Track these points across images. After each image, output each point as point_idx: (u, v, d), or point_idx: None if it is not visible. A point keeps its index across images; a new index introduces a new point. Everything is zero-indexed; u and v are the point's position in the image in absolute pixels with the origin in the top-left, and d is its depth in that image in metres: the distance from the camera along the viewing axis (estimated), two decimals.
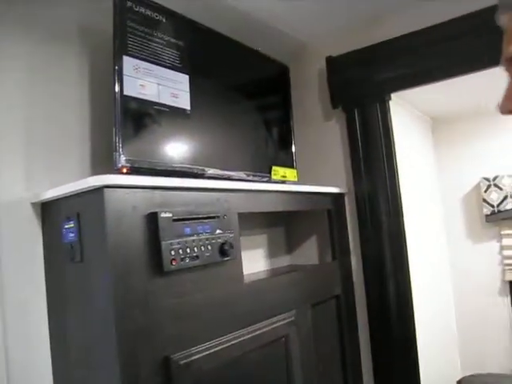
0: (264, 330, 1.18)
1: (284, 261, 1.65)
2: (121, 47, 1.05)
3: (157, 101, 1.11)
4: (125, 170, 1.02)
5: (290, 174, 1.50)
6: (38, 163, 1.08)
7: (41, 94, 1.10)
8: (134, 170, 1.02)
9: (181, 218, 0.98)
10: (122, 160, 1.01)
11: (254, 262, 1.52)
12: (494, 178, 2.15)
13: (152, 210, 0.94)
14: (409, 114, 2.02)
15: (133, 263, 0.90)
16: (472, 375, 2.14)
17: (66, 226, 0.97)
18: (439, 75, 1.49)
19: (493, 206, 2.16)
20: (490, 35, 0.87)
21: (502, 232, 2.16)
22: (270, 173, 1.42)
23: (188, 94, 1.19)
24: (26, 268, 1.03)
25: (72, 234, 0.96)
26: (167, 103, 1.14)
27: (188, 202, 1.02)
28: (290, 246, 1.16)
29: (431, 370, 1.73)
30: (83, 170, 1.17)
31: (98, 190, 0.88)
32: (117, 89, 1.04)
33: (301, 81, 1.80)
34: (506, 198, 2.13)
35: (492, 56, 0.71)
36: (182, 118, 1.17)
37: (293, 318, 1.29)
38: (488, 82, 1.28)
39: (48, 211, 1.06)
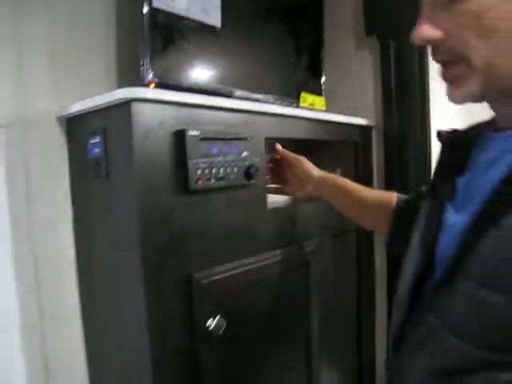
0: (285, 256, 1.18)
1: None
2: None
3: (186, 15, 1.06)
4: (152, 86, 0.99)
5: (319, 102, 1.45)
6: (64, 79, 1.05)
7: (65, 6, 1.06)
8: (161, 87, 0.99)
9: (208, 137, 0.95)
10: (150, 75, 0.98)
11: None
12: None
13: (179, 128, 0.92)
14: None
15: (158, 180, 0.89)
16: None
17: (92, 141, 0.96)
18: None
19: None
20: None
21: None
22: (297, 99, 1.37)
23: (219, 10, 1.13)
24: (51, 183, 1.04)
25: (97, 150, 0.95)
26: (197, 18, 1.08)
27: (215, 122, 0.99)
28: None
29: None
30: (109, 86, 1.14)
31: (126, 104, 0.85)
32: (145, 0, 0.98)
33: (335, 6, 1.70)
34: None
35: None
36: (211, 35, 1.12)
37: (314, 247, 1.29)
38: None
39: (73, 126, 1.05)
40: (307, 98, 1.39)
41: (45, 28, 1.01)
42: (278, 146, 1.22)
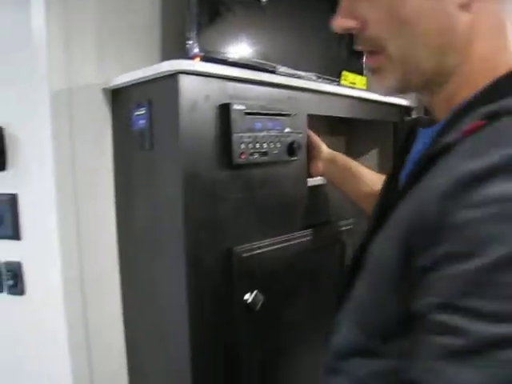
0: (321, 234, 1.18)
1: None
2: None
3: None
4: (197, 59, 0.98)
5: (360, 81, 1.42)
6: (109, 52, 1.06)
7: None
8: (206, 60, 0.99)
9: (253, 111, 0.95)
10: (195, 48, 0.98)
11: None
12: None
13: (225, 101, 0.92)
14: None
15: (202, 153, 0.90)
16: None
17: (137, 113, 0.97)
18: None
19: None
20: None
21: None
22: (339, 77, 1.35)
23: None
24: (95, 154, 1.05)
25: (142, 121, 0.95)
26: None
27: (260, 97, 0.98)
28: (350, 156, 1.13)
29: None
30: (152, 59, 1.15)
31: (173, 76, 0.86)
32: None
33: None
34: None
35: None
36: (256, 9, 1.10)
37: (351, 227, 1.29)
38: None
39: (118, 98, 1.06)
40: (348, 77, 1.37)
41: (92, 2, 1.02)
42: None
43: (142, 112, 0.95)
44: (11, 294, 1.04)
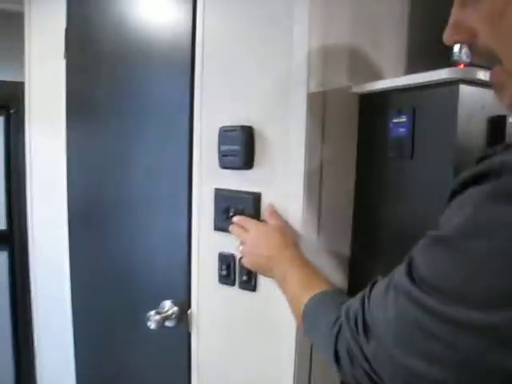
0: None
1: None
2: None
3: None
4: (462, 66, 0.94)
5: None
6: (359, 56, 1.07)
7: None
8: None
9: None
10: (463, 55, 0.93)
11: None
12: None
13: (498, 113, 0.87)
14: None
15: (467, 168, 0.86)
16: None
17: (395, 121, 0.95)
18: None
19: None
20: None
21: None
22: None
23: None
24: (342, 158, 1.07)
25: (402, 129, 0.94)
26: None
27: None
28: None
29: None
30: (398, 68, 1.13)
31: (451, 84, 0.83)
32: None
33: None
34: None
35: None
36: None
37: None
38: None
39: (368, 103, 1.05)
40: None
41: (348, 15, 1.04)
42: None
43: (402, 120, 0.94)
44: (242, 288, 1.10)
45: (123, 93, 1.41)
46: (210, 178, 1.15)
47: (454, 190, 0.50)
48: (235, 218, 1.05)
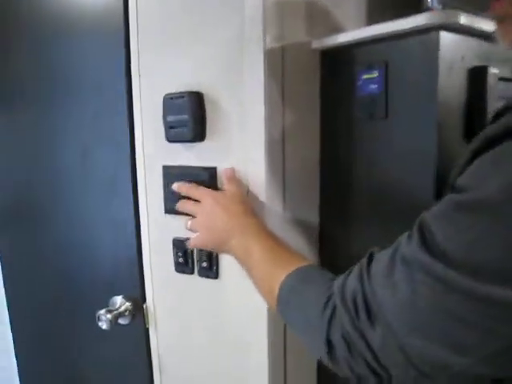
0: None
1: None
2: None
3: None
4: None
5: None
6: (317, 7, 0.95)
7: None
8: None
9: (506, 77, 0.81)
10: (435, 1, 0.84)
11: None
12: None
13: (478, 64, 0.79)
14: None
15: (451, 123, 0.78)
16: None
17: (365, 77, 0.85)
18: None
19: None
20: None
21: None
22: None
23: None
24: (305, 123, 0.96)
25: (374, 86, 0.84)
26: None
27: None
28: None
29: None
30: (359, 20, 1.02)
31: (430, 31, 0.73)
32: None
33: None
34: None
35: None
36: None
37: None
38: None
39: (330, 60, 0.94)
40: None
41: None
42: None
43: (373, 75, 0.83)
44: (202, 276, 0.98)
45: (48, 69, 1.21)
46: (156, 154, 1.01)
47: (479, 148, 0.43)
48: (180, 186, 0.90)
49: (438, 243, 0.41)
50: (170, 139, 0.95)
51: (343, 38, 0.88)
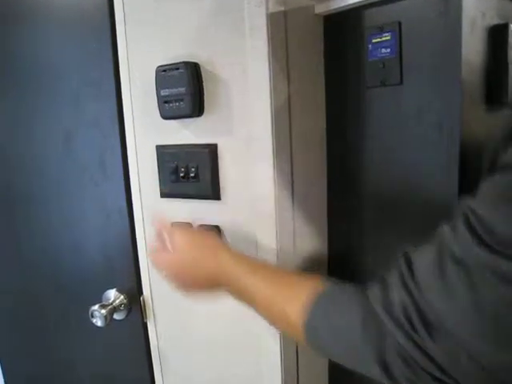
0: None
1: None
2: None
3: None
4: None
5: None
6: None
7: None
8: None
9: None
10: None
11: None
12: None
13: (500, 22, 0.74)
14: None
15: (472, 88, 0.73)
16: None
17: (375, 40, 0.79)
18: None
19: None
20: None
21: None
22: None
23: None
24: (311, 94, 0.89)
25: (386, 50, 0.78)
26: None
27: None
28: None
29: None
30: None
31: None
32: None
33: None
34: None
35: None
36: None
37: None
38: None
39: (334, 25, 0.87)
40: None
41: None
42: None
43: (385, 38, 0.77)
44: None
45: (25, 48, 1.10)
46: (149, 133, 0.93)
47: None
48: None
49: (497, 233, 0.36)
50: (165, 115, 0.87)
51: (349, 0, 0.81)
